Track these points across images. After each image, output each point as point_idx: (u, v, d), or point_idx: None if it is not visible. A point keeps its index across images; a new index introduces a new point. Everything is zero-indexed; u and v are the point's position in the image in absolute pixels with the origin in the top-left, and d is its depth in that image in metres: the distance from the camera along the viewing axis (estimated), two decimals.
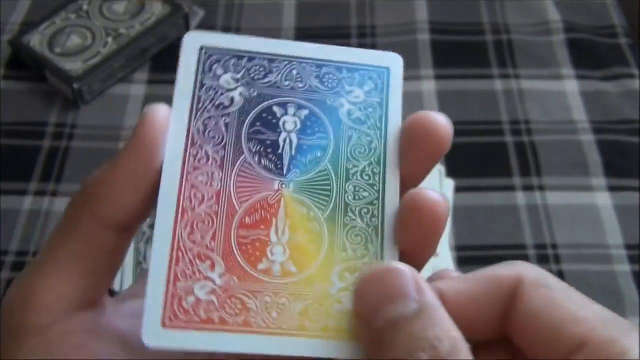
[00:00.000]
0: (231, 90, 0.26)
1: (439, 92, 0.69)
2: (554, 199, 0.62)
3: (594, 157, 0.64)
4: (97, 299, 0.25)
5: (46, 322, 0.23)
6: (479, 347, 0.23)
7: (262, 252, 0.24)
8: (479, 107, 0.68)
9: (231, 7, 0.76)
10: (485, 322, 0.23)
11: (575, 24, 0.75)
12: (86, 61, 0.67)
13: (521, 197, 0.62)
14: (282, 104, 0.26)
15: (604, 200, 0.62)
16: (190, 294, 0.23)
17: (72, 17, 0.71)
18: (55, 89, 0.68)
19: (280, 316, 0.23)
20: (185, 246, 0.23)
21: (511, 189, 0.62)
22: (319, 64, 0.27)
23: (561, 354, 0.21)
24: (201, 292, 0.23)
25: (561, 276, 0.56)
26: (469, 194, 0.62)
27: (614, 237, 0.59)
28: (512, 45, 0.73)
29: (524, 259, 0.58)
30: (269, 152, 0.25)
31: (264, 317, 0.23)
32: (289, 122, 0.26)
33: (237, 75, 0.26)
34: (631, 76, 0.71)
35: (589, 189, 0.63)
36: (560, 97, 0.69)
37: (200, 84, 0.26)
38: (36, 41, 0.69)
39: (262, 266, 0.24)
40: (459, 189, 0.61)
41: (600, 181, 0.63)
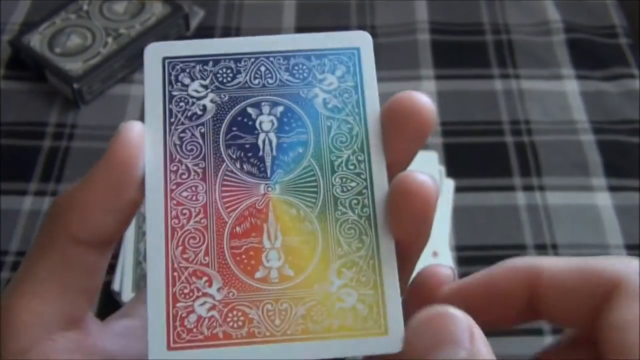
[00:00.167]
0: (201, 98, 0.25)
1: (439, 92, 0.69)
2: (554, 199, 0.62)
3: (594, 157, 0.64)
4: (80, 318, 0.24)
5: (27, 344, 0.23)
6: (563, 344, 0.22)
7: (257, 260, 0.23)
8: (479, 107, 0.68)
9: (231, 7, 0.76)
10: (574, 316, 0.22)
11: (575, 24, 0.75)
12: (86, 61, 0.67)
13: (521, 197, 0.62)
14: (255, 104, 0.25)
15: (604, 200, 0.62)
16: (191, 312, 0.23)
17: (72, 17, 0.71)
18: (55, 89, 0.68)
19: (283, 322, 0.23)
20: (179, 266, 0.23)
21: (511, 189, 0.62)
22: (286, 55, 0.26)
23: None
24: (202, 309, 0.23)
25: None
26: (469, 194, 0.62)
27: (614, 237, 0.59)
28: (512, 45, 0.73)
29: None
30: (250, 156, 0.24)
31: (267, 326, 0.23)
32: (265, 121, 0.25)
33: (205, 81, 0.25)
34: (631, 76, 0.71)
35: (589, 189, 0.63)
36: (560, 97, 0.69)
37: (169, 97, 0.25)
38: (36, 41, 0.69)
39: (259, 274, 0.23)
40: (459, 189, 0.61)
41: (600, 181, 0.63)
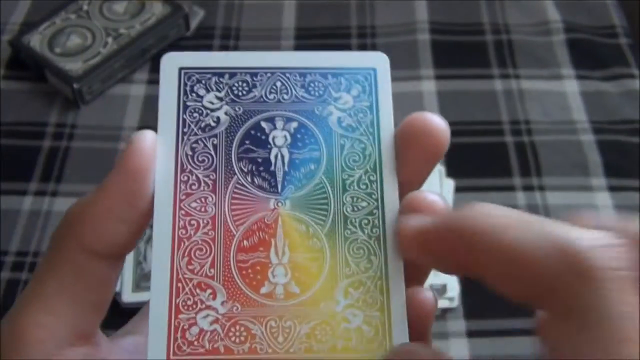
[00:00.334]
0: (215, 110, 0.25)
1: (439, 92, 0.69)
2: (554, 199, 0.62)
3: (594, 157, 0.64)
4: (90, 333, 0.24)
5: None
6: None
7: (263, 275, 0.23)
8: (479, 107, 0.68)
9: (231, 7, 0.76)
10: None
11: (575, 24, 0.75)
12: (86, 61, 0.67)
13: (521, 197, 0.62)
14: (269, 119, 0.25)
15: (604, 200, 0.62)
16: (193, 325, 0.22)
17: (72, 17, 0.71)
18: (55, 89, 0.68)
19: (286, 340, 0.22)
20: (184, 277, 0.23)
21: (511, 189, 0.62)
22: (302, 72, 0.26)
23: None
24: (204, 322, 0.22)
25: None
26: (469, 194, 0.62)
27: None
28: (512, 45, 0.73)
29: None
30: (261, 170, 0.24)
31: (270, 343, 0.22)
32: (279, 136, 0.25)
33: (220, 93, 0.25)
34: (631, 76, 0.71)
35: (589, 189, 0.63)
36: (560, 97, 0.69)
37: (183, 107, 0.25)
38: (36, 41, 0.69)
39: (264, 290, 0.23)
40: (459, 189, 0.61)
41: (600, 181, 0.63)
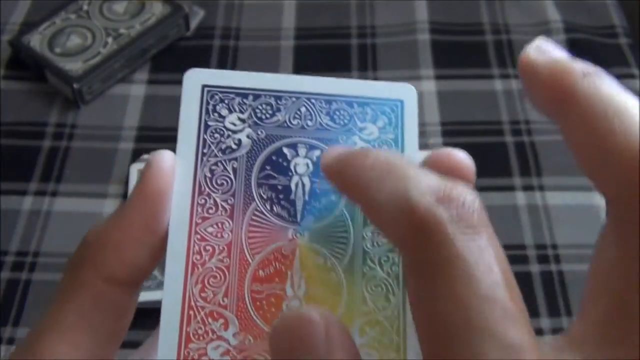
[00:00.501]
0: (237, 132, 0.24)
1: (439, 92, 0.69)
2: (554, 199, 0.62)
3: None
4: None
5: None
6: None
7: (277, 308, 0.22)
8: (479, 107, 0.68)
9: (231, 7, 0.76)
10: None
11: (575, 24, 0.75)
12: (86, 61, 0.67)
13: (521, 197, 0.62)
14: (292, 145, 0.24)
15: (603, 200, 0.62)
16: (203, 355, 0.22)
17: (72, 17, 0.71)
18: (55, 89, 0.68)
19: None
20: (196, 304, 0.22)
21: (511, 189, 0.62)
22: (328, 99, 0.25)
23: None
24: (215, 353, 0.22)
25: (561, 276, 0.56)
26: None
27: None
28: (512, 45, 0.73)
29: (524, 259, 0.59)
30: (281, 198, 0.23)
31: None
32: (301, 164, 0.24)
33: (243, 115, 0.24)
34: (631, 76, 0.71)
35: (589, 189, 0.62)
36: None
37: (204, 126, 0.24)
38: (36, 41, 0.69)
39: None
40: None
41: None
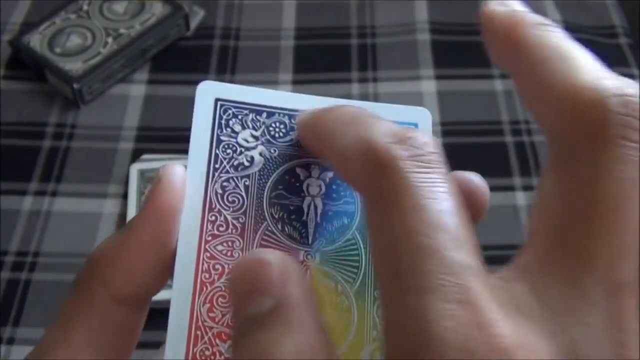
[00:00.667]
0: (250, 149, 0.23)
1: (439, 92, 0.69)
2: None
3: None
4: None
5: None
6: None
7: None
8: (479, 107, 0.68)
9: (231, 7, 0.76)
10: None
11: (575, 24, 0.75)
12: (86, 61, 0.67)
13: (521, 197, 0.62)
14: (305, 165, 0.24)
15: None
16: None
17: (72, 17, 0.71)
18: (55, 89, 0.68)
19: None
20: (204, 324, 0.21)
21: (511, 189, 0.62)
22: None
23: None
24: None
25: None
26: None
27: None
28: None
29: None
30: (293, 219, 0.23)
31: None
32: (313, 185, 0.23)
33: (256, 132, 0.24)
34: (631, 76, 0.71)
35: None
36: None
37: (216, 141, 0.23)
38: (36, 41, 0.69)
39: None
40: None
41: None
